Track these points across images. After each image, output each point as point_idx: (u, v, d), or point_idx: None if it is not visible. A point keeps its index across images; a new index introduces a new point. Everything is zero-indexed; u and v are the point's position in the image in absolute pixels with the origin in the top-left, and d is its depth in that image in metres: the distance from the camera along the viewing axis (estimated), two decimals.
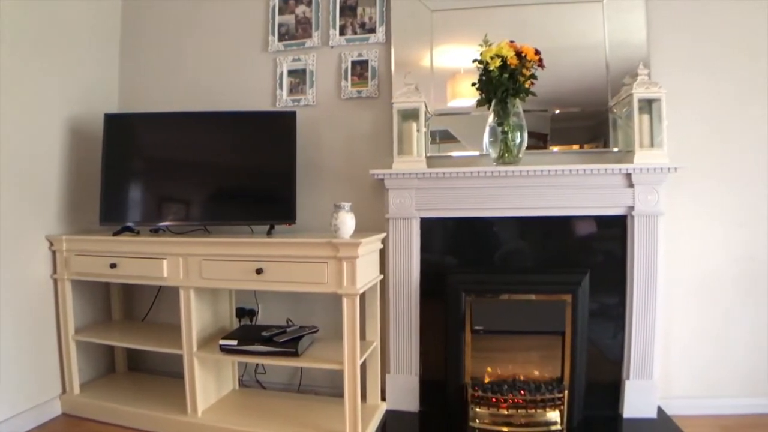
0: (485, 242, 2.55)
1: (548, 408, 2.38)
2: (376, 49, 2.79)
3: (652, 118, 2.37)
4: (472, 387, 2.44)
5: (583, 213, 2.46)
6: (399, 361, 2.57)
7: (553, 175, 2.36)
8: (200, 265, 2.36)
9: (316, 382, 2.81)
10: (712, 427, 2.53)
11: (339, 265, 2.19)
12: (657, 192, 2.38)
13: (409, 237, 2.52)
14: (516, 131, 2.37)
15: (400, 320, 2.55)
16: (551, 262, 2.52)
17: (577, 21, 2.62)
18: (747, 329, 2.68)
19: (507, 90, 2.30)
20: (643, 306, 2.44)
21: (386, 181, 2.48)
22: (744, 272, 2.66)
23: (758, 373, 2.68)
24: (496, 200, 2.46)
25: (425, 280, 2.54)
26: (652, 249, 2.41)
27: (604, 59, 2.59)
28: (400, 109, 2.46)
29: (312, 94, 2.84)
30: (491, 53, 2.29)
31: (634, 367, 2.46)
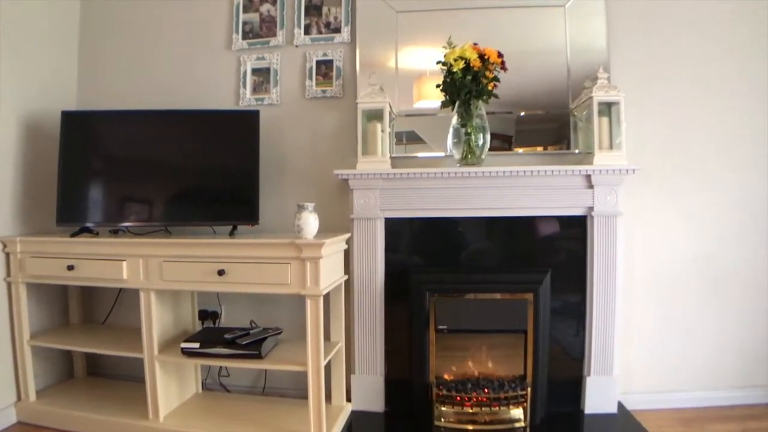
0: (449, 242, 2.57)
1: (512, 405, 2.41)
2: (341, 49, 2.78)
3: (611, 120, 2.43)
4: (437, 386, 2.45)
5: (545, 213, 2.51)
6: (364, 362, 2.57)
7: (514, 176, 2.40)
8: (161, 267, 2.32)
9: (282, 384, 2.78)
10: (671, 421, 2.61)
11: (302, 265, 2.17)
12: (616, 193, 2.44)
13: (373, 237, 2.52)
14: (479, 133, 2.39)
15: (365, 321, 2.55)
16: (514, 262, 2.56)
17: (540, 25, 2.67)
18: (704, 325, 2.77)
19: (470, 92, 2.32)
20: (603, 304, 2.49)
21: (351, 181, 2.48)
22: (701, 270, 2.75)
23: (715, 367, 2.78)
24: (460, 201, 2.49)
25: (390, 280, 2.55)
26: (612, 248, 2.47)
27: (566, 63, 2.64)
28: (364, 109, 2.46)
29: (276, 93, 2.81)
30: (455, 55, 2.31)
31: (594, 364, 2.52)
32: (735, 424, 2.57)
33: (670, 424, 2.58)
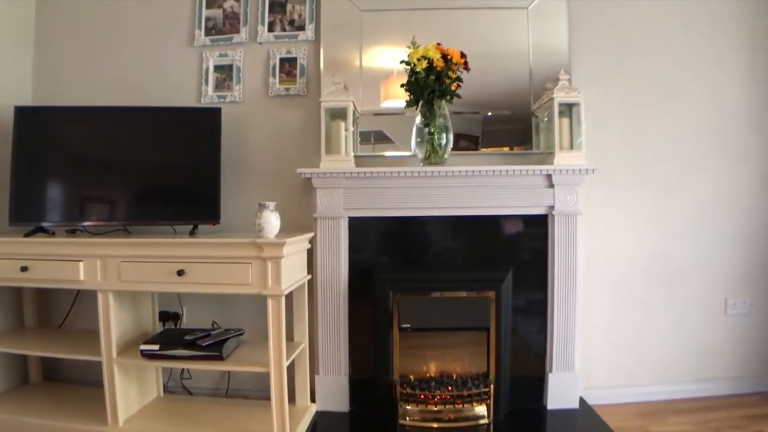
0: (413, 241, 2.57)
1: (475, 402, 2.44)
2: (305, 47, 2.76)
3: (571, 121, 2.48)
4: (401, 384, 2.46)
5: (507, 212, 2.55)
6: (328, 362, 2.56)
7: (477, 175, 2.42)
8: (119, 267, 2.26)
9: (245, 385, 2.75)
10: (631, 415, 2.68)
11: (263, 265, 2.15)
12: (576, 192, 2.49)
13: (337, 236, 2.51)
14: (442, 132, 2.41)
15: (329, 320, 2.54)
16: (478, 260, 2.58)
17: (503, 27, 2.70)
18: (661, 321, 2.86)
19: (433, 91, 2.33)
20: (564, 301, 2.54)
21: (314, 180, 2.46)
22: (657, 267, 2.84)
23: (672, 362, 2.87)
24: (424, 200, 2.50)
25: (354, 279, 2.54)
26: (572, 246, 2.52)
27: (528, 65, 2.68)
28: (328, 107, 2.44)
29: (239, 90, 2.77)
30: (418, 55, 2.31)
31: (556, 360, 2.56)
32: (692, 416, 2.65)
33: (630, 417, 2.64)
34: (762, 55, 2.90)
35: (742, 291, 2.89)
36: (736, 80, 2.88)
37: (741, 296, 2.89)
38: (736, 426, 2.54)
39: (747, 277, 2.90)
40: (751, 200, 2.89)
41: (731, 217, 2.88)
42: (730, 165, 2.88)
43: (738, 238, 2.89)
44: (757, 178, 2.89)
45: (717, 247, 2.87)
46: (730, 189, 2.88)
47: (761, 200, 2.90)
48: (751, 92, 2.89)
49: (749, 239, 2.89)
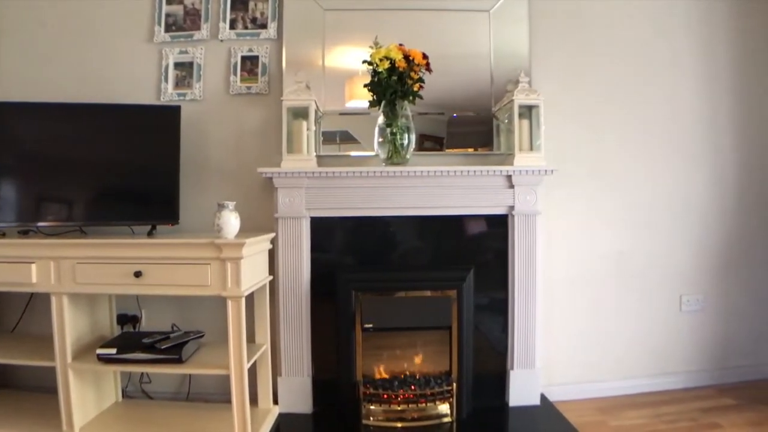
0: (376, 241, 2.57)
1: (438, 401, 2.45)
2: (267, 45, 2.73)
3: (531, 123, 2.52)
4: (364, 385, 2.45)
5: (469, 212, 2.57)
6: (291, 363, 2.53)
7: (438, 176, 2.44)
8: (74, 269, 2.19)
9: (207, 389, 2.70)
10: (591, 410, 2.73)
11: (222, 266, 2.11)
12: (535, 192, 2.53)
13: (299, 236, 2.48)
14: (404, 133, 2.42)
15: (291, 321, 2.51)
16: (441, 260, 2.59)
17: (466, 29, 2.73)
18: (619, 318, 2.93)
19: (395, 92, 2.34)
20: (524, 300, 2.58)
21: (275, 179, 2.43)
22: (615, 266, 2.91)
23: (630, 357, 2.95)
24: (387, 200, 2.50)
25: (316, 279, 2.53)
26: (531, 246, 2.56)
27: (490, 67, 2.71)
28: (289, 106, 2.42)
29: (199, 88, 2.72)
30: (380, 55, 2.31)
31: (517, 358, 2.60)
32: (649, 409, 2.73)
33: (590, 413, 2.70)
34: (713, 61, 3.01)
35: (695, 288, 2.99)
36: (691, 84, 2.98)
37: (695, 293, 2.99)
38: (691, 418, 2.61)
39: (700, 274, 3.00)
40: (704, 200, 3.00)
41: (685, 217, 2.98)
42: (685, 166, 2.98)
43: (692, 237, 2.99)
44: (709, 178, 3.00)
45: (672, 245, 2.97)
46: (685, 189, 2.98)
47: (713, 200, 3.01)
48: (705, 95, 3.00)
49: (702, 238, 3.00)
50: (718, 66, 3.01)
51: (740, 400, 2.81)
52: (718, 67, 3.01)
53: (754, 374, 3.08)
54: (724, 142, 3.02)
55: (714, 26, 3.00)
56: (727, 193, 3.02)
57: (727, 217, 3.03)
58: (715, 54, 3.00)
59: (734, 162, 3.03)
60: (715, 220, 3.01)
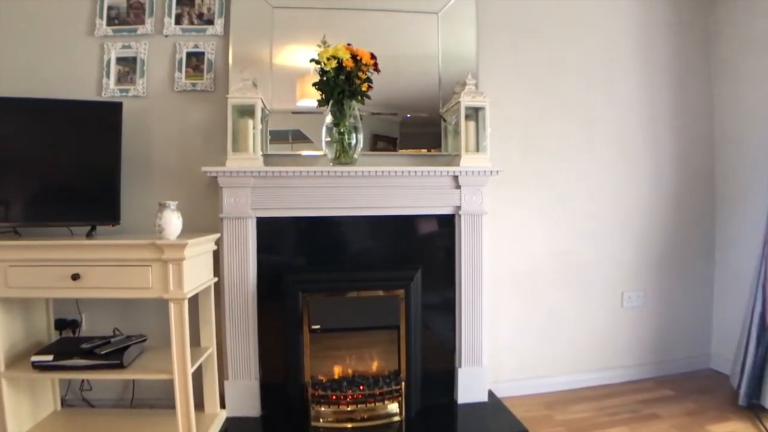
0: (324, 241, 2.56)
1: (387, 400, 2.45)
2: (214, 42, 2.67)
3: (477, 125, 2.56)
4: (312, 386, 2.43)
5: (418, 212, 2.59)
6: (237, 366, 2.48)
7: (385, 176, 2.45)
8: (6, 272, 2.08)
9: (152, 394, 2.62)
10: (537, 405, 2.80)
11: (164, 267, 2.06)
12: (481, 193, 2.57)
13: (244, 237, 2.44)
14: (352, 132, 2.41)
15: (237, 323, 2.46)
16: (390, 260, 2.60)
17: (416, 31, 2.74)
18: (565, 315, 3.01)
19: (343, 91, 2.32)
20: (471, 298, 2.61)
21: (220, 179, 2.38)
22: (560, 264, 3.00)
23: (575, 353, 3.04)
24: (335, 200, 2.49)
25: (263, 281, 2.49)
26: (478, 245, 2.60)
27: (438, 69, 2.74)
28: (235, 104, 2.37)
29: (142, 84, 2.64)
30: (327, 54, 2.30)
31: (465, 356, 2.63)
32: (593, 403, 2.82)
33: (536, 407, 2.77)
34: (651, 66, 3.14)
35: (636, 284, 3.11)
36: (631, 88, 3.10)
37: (635, 289, 3.11)
38: (632, 410, 2.72)
39: (640, 271, 3.12)
40: (644, 200, 3.12)
41: (626, 216, 3.09)
42: (627, 168, 3.09)
43: (632, 236, 3.11)
44: (647, 179, 3.13)
45: (614, 244, 3.08)
46: (627, 190, 3.09)
47: (653, 200, 3.13)
48: (643, 99, 3.12)
49: (642, 236, 3.12)
50: (656, 71, 3.14)
51: (678, 391, 2.94)
52: (656, 73, 3.14)
53: (690, 366, 3.23)
54: (663, 144, 3.16)
55: (651, 32, 3.13)
56: (665, 193, 3.16)
57: (666, 216, 3.16)
58: (652, 60, 3.13)
59: (672, 164, 3.17)
60: (655, 219, 3.14)
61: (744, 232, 3.03)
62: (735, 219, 3.14)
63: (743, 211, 3.05)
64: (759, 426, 2.49)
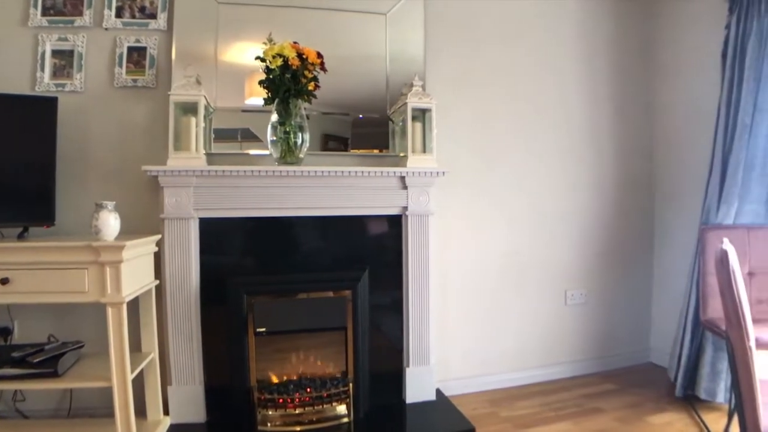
0: (270, 243, 2.51)
1: (335, 402, 2.45)
2: (156, 37, 2.58)
3: (424, 126, 2.58)
4: (258, 390, 2.39)
5: (365, 213, 2.59)
6: (181, 371, 2.41)
7: (331, 176, 2.43)
8: None
9: (91, 403, 2.50)
10: (483, 402, 2.85)
11: (101, 270, 1.98)
12: (428, 193, 2.60)
13: (187, 238, 2.36)
14: (298, 131, 2.37)
15: (180, 327, 2.39)
16: (337, 261, 2.59)
17: (364, 31, 2.74)
18: (510, 313, 3.08)
19: (289, 90, 2.29)
20: (418, 298, 2.63)
21: (161, 178, 2.30)
22: (506, 264, 3.06)
23: (521, 350, 3.11)
24: (281, 200, 2.45)
25: (207, 283, 2.42)
26: (424, 246, 2.62)
27: (385, 69, 2.74)
28: (177, 101, 2.30)
29: (80, 79, 2.52)
30: (273, 52, 2.26)
31: (413, 355, 2.65)
32: (538, 399, 2.89)
33: (483, 405, 2.81)
34: (596, 72, 3.25)
35: (578, 283, 3.21)
36: (576, 92, 3.20)
37: (578, 288, 3.21)
38: (576, 405, 2.80)
39: (583, 270, 3.23)
40: (585, 202, 3.23)
41: (569, 218, 3.19)
42: (569, 169, 3.19)
43: (575, 237, 3.21)
44: (590, 180, 3.23)
45: (558, 245, 3.17)
46: (568, 192, 3.19)
47: (594, 202, 3.25)
48: (588, 104, 3.22)
49: (584, 237, 3.22)
50: (599, 76, 3.25)
51: (620, 384, 3.05)
52: (599, 78, 3.26)
53: (631, 360, 3.36)
54: (605, 149, 3.28)
55: (595, 40, 3.24)
56: (606, 196, 3.28)
57: (607, 218, 3.28)
58: (597, 67, 3.24)
59: (613, 168, 3.30)
60: (596, 221, 3.26)
61: (680, 232, 3.18)
62: (672, 220, 3.28)
63: (679, 213, 3.20)
64: (694, 416, 2.62)
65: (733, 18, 2.73)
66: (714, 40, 2.84)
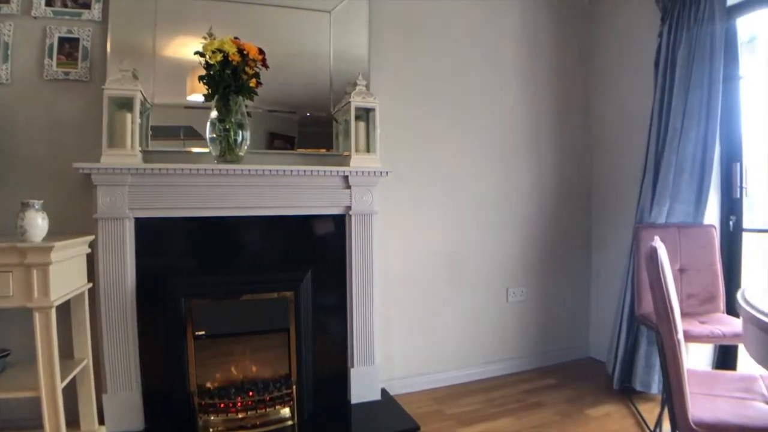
0: (211, 243, 2.45)
1: (279, 405, 2.41)
2: (90, 28, 2.46)
3: (368, 125, 2.58)
4: (199, 395, 2.33)
5: (309, 212, 2.56)
6: (117, 378, 2.30)
7: (274, 175, 2.39)
8: None
9: (19, 414, 2.35)
10: (428, 400, 2.88)
11: (27, 273, 1.87)
12: (371, 193, 2.60)
13: (122, 239, 2.26)
14: (238, 129, 2.32)
15: (115, 332, 2.28)
16: (280, 262, 2.55)
17: (309, 29, 2.71)
18: (455, 312, 3.12)
19: (229, 86, 2.24)
20: (362, 298, 2.63)
21: (94, 176, 2.18)
22: (450, 264, 3.10)
23: (464, 347, 3.15)
24: (221, 200, 2.39)
25: (144, 286, 2.32)
26: (368, 245, 2.62)
27: (329, 68, 2.72)
28: (112, 96, 2.19)
29: (6, 70, 2.37)
30: (213, 47, 2.20)
31: (357, 356, 2.65)
32: (481, 395, 2.94)
33: (428, 403, 2.84)
34: (537, 76, 3.34)
35: (519, 281, 3.29)
36: (518, 95, 3.28)
37: (519, 285, 3.29)
38: (518, 400, 2.87)
39: (523, 268, 3.31)
40: (526, 203, 3.32)
41: (511, 218, 3.27)
42: (511, 170, 3.26)
43: (516, 236, 3.28)
44: (532, 181, 3.32)
45: (499, 243, 3.24)
46: (511, 191, 3.26)
47: (534, 202, 3.34)
48: (529, 106, 3.31)
49: (525, 236, 3.31)
50: (540, 80, 3.35)
51: (560, 379, 3.15)
52: (540, 82, 3.35)
53: (571, 355, 3.48)
54: (545, 151, 3.38)
55: (532, 46, 3.33)
56: (547, 197, 3.38)
57: (547, 218, 3.38)
58: (533, 70, 3.33)
59: (553, 170, 3.40)
60: (537, 221, 3.35)
61: (616, 231, 3.31)
62: (609, 220, 3.42)
63: (616, 213, 3.33)
64: (630, 407, 2.73)
65: (665, 27, 2.85)
66: (649, 48, 2.96)
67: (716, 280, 2.67)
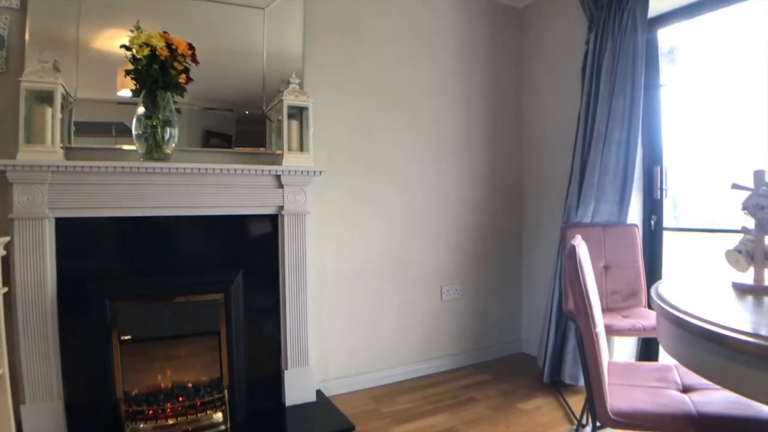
0: (138, 244, 2.37)
1: (210, 410, 2.36)
2: (7, 16, 2.29)
3: (302, 124, 2.56)
4: (126, 402, 2.24)
5: (240, 212, 2.52)
6: (36, 387, 2.17)
7: (203, 173, 2.34)
8: None
9: None
10: (365, 399, 2.89)
11: None
12: (305, 193, 2.58)
13: (41, 240, 2.14)
14: (166, 126, 2.24)
15: (34, 339, 2.15)
16: (211, 263, 2.50)
17: (243, 25, 2.66)
18: (391, 311, 3.15)
19: (156, 82, 2.16)
20: (295, 299, 2.62)
21: (9, 173, 2.05)
22: (387, 264, 3.13)
23: (401, 347, 3.19)
24: (148, 199, 2.31)
25: (65, 289, 2.21)
26: (301, 245, 2.61)
27: (263, 66, 2.69)
28: (29, 88, 2.08)
29: None
30: (140, 41, 2.12)
31: (291, 357, 2.63)
32: (418, 393, 2.98)
33: (364, 402, 2.85)
34: (471, 80, 3.42)
35: (453, 279, 3.36)
36: (452, 97, 3.35)
37: (453, 284, 3.36)
38: (453, 396, 2.93)
39: (457, 267, 3.38)
40: (459, 204, 3.39)
41: (444, 218, 3.33)
42: (444, 171, 3.33)
43: (450, 236, 3.35)
44: (465, 182, 3.40)
45: (433, 243, 3.30)
46: (444, 193, 3.33)
47: (468, 202, 3.42)
48: (463, 110, 3.39)
49: (458, 236, 3.38)
50: (474, 84, 3.43)
51: (494, 374, 3.24)
52: (474, 86, 3.44)
53: (504, 351, 3.59)
54: (478, 153, 3.47)
55: (469, 49, 3.40)
56: (480, 196, 3.47)
57: (479, 219, 3.47)
58: (470, 75, 3.40)
59: (486, 172, 3.50)
60: (470, 221, 3.43)
61: (546, 231, 3.44)
62: (539, 220, 3.54)
63: (545, 213, 3.46)
64: (560, 399, 2.84)
65: (591, 35, 2.98)
66: (577, 54, 3.09)
67: (639, 276, 2.80)
